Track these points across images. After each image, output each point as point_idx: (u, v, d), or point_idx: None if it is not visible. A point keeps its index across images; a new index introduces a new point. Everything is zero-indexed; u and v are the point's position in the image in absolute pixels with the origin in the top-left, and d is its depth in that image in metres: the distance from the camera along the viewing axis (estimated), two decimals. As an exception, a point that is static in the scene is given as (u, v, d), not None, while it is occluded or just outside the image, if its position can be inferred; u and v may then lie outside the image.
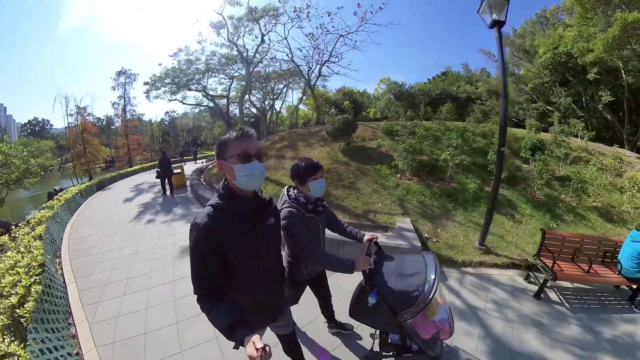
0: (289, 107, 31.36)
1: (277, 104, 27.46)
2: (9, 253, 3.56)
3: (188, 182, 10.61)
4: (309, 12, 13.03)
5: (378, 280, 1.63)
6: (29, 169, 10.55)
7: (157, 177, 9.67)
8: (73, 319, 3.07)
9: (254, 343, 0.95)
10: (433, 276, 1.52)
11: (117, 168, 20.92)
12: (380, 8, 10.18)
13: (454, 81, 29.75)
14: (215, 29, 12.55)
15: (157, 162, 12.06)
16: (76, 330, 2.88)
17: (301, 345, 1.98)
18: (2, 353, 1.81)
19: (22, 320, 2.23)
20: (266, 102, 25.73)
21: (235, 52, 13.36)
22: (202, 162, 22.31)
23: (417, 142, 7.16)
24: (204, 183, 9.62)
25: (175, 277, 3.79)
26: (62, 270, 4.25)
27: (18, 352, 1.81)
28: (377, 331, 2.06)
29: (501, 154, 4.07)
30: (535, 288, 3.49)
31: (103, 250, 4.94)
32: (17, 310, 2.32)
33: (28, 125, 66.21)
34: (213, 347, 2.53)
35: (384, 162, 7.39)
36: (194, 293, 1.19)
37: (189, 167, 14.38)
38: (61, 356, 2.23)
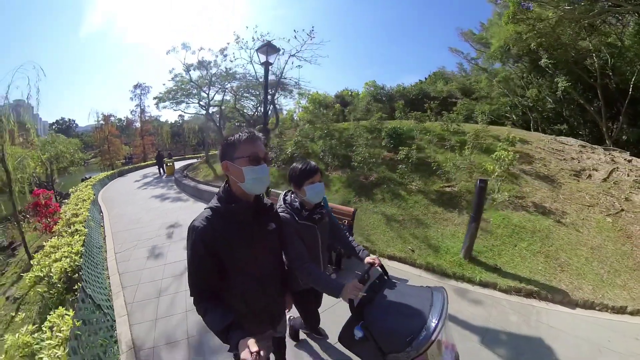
0: (289, 111, 35.17)
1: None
2: (76, 192, 8.34)
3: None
4: (264, 39, 17.11)
5: (369, 312, 1.40)
6: (73, 160, 15.72)
7: (155, 164, 15.47)
8: (103, 214, 7.73)
9: (248, 346, 0.94)
10: (435, 321, 1.22)
11: (134, 163, 26.23)
12: (311, 30, 13.13)
13: (435, 80, 30.45)
14: (185, 70, 17.20)
15: (164, 159, 17.40)
16: (103, 217, 7.52)
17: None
18: (77, 212, 6.31)
19: (85, 205, 6.83)
20: (259, 109, 29.91)
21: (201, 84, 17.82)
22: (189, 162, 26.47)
23: (279, 141, 10.47)
24: (183, 173, 14.43)
25: (147, 206, 8.51)
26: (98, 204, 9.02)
27: (83, 211, 6.31)
28: None
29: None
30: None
31: (118, 198, 9.86)
32: (86, 201, 6.92)
33: (56, 124, 71.15)
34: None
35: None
36: (191, 295, 1.20)
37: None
38: (95, 218, 6.90)
